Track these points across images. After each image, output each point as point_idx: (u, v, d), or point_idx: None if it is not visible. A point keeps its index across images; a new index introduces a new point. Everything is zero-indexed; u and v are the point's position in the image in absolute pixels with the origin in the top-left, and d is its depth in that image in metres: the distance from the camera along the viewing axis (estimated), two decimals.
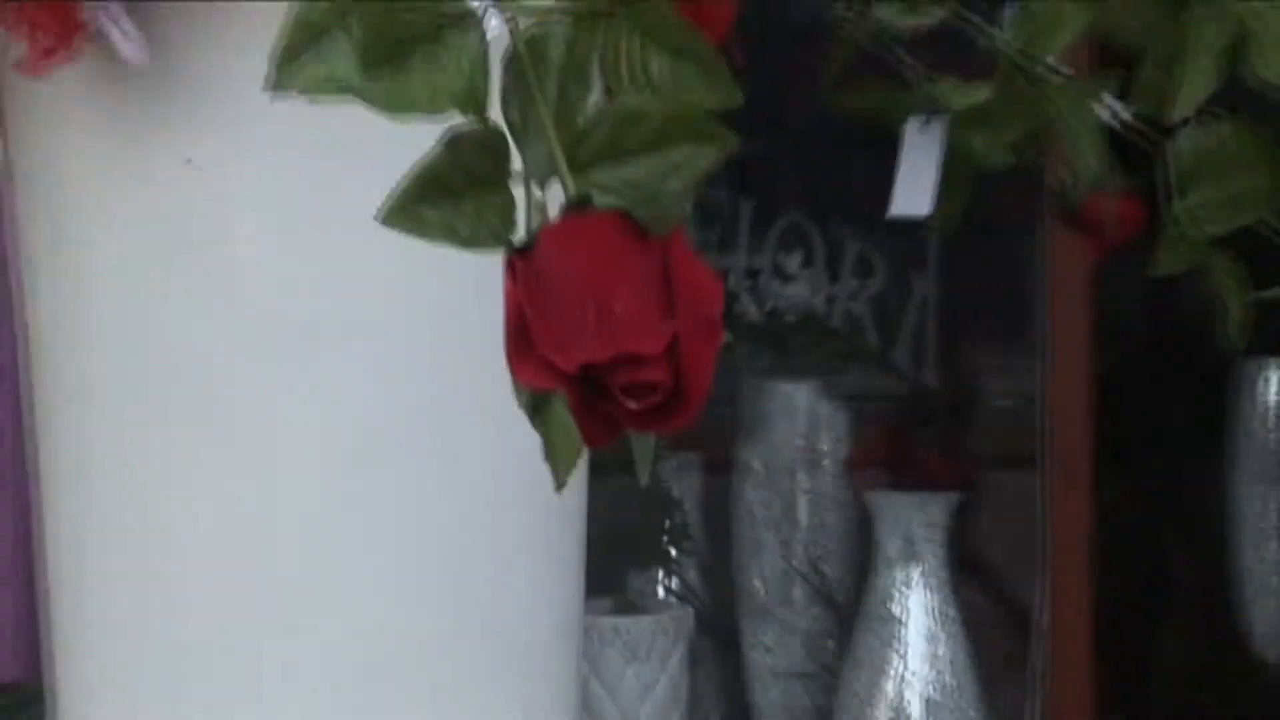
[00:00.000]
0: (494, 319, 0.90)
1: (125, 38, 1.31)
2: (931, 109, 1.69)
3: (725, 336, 0.76)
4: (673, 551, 4.66)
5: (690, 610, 4.48)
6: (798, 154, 5.39)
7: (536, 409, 0.87)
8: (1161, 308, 5.89)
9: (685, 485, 4.76)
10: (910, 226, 1.81)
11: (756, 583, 4.81)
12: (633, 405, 0.77)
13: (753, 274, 5.14)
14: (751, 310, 5.08)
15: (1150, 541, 6.36)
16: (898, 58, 1.67)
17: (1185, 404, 6.11)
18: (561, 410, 0.82)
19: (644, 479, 0.99)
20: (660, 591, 4.61)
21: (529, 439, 1.45)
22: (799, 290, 5.09)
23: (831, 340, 5.05)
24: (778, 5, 1.63)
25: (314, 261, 1.38)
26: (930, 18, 1.59)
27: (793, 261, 5.08)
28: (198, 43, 1.35)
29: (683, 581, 4.70)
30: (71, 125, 1.41)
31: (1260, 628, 5.77)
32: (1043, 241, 4.52)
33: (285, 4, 1.34)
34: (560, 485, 0.98)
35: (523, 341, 0.78)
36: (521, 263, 0.80)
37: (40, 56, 1.31)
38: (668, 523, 4.64)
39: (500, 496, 1.43)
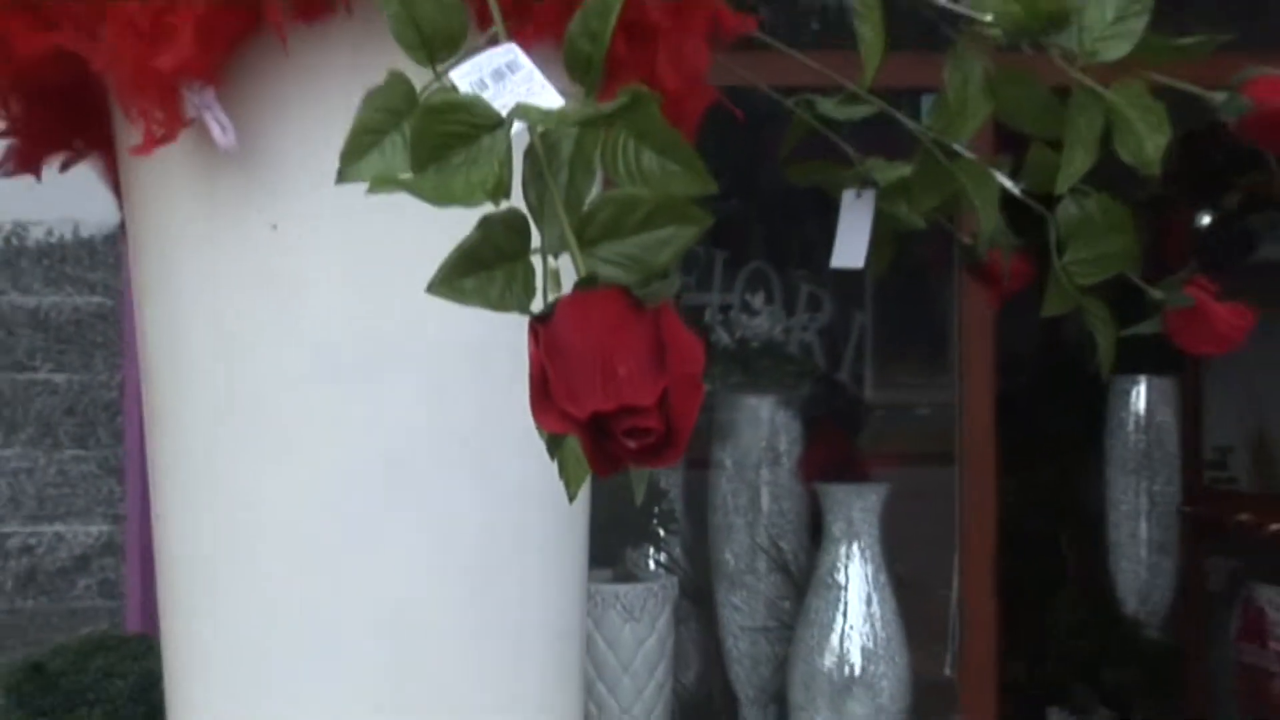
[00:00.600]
0: (518, 358, 0.90)
1: (220, 126, 1.30)
2: (864, 182, 1.67)
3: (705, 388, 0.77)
4: (661, 532, 4.69)
5: (675, 579, 4.48)
6: (761, 215, 5.43)
7: (554, 443, 0.86)
8: (1050, 338, 5.91)
9: (671, 479, 4.80)
10: (850, 273, 1.80)
11: (728, 556, 4.82)
12: (632, 445, 0.77)
13: (725, 309, 5.16)
14: (724, 338, 5.13)
15: (1042, 522, 6.35)
16: (837, 141, 1.66)
17: (1070, 413, 6.12)
18: (573, 443, 0.81)
19: (639, 500, 0.99)
20: (651, 564, 4.63)
21: (544, 452, 1.46)
22: (762, 323, 5.13)
23: (788, 363, 5.07)
24: (744, 98, 1.62)
25: (372, 306, 1.36)
26: (863, 110, 1.59)
27: (757, 300, 5.12)
28: (277, 130, 1.33)
29: (669, 556, 4.72)
30: (176, 195, 1.40)
31: (1125, 589, 5.78)
32: (956, 286, 4.53)
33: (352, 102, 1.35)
34: (572, 499, 0.98)
35: (543, 394, 0.78)
36: (542, 329, 0.80)
37: (152, 141, 1.30)
38: (657, 509, 4.67)
39: (521, 494, 1.42)
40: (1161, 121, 1.26)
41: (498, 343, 0.95)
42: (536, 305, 0.84)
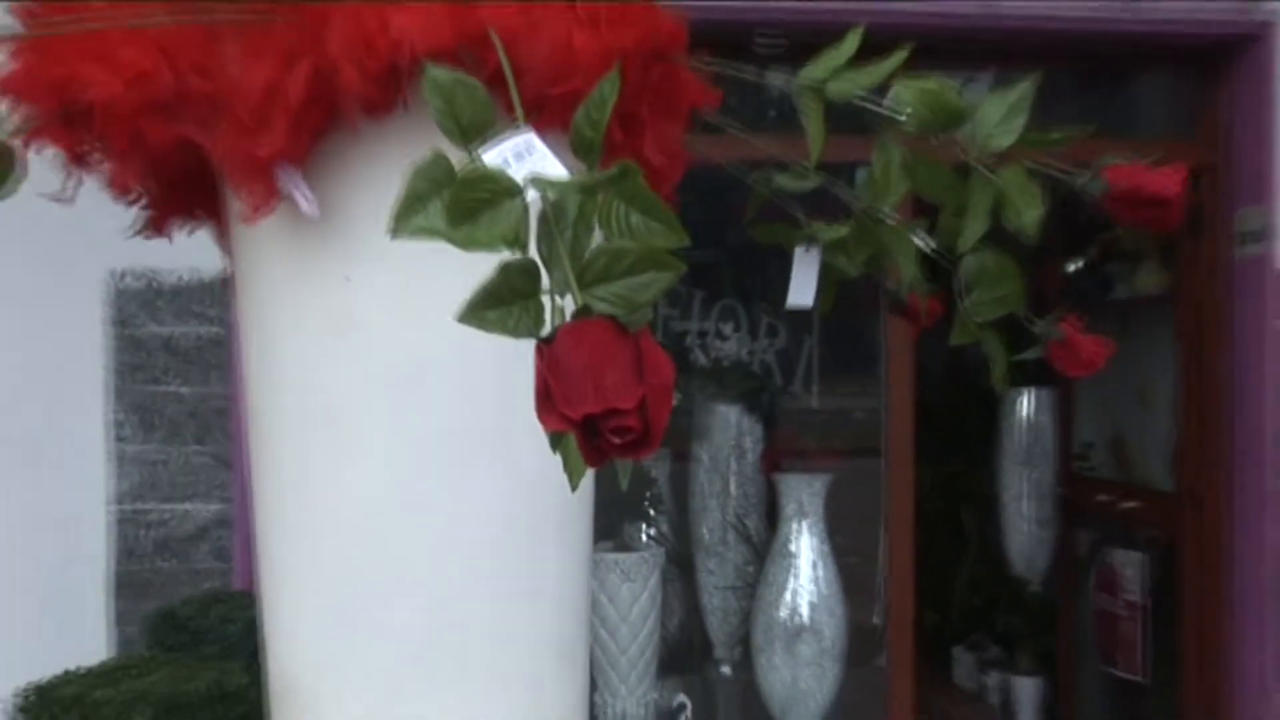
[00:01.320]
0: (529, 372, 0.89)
1: (305, 199, 1.30)
2: (811, 240, 1.66)
3: (676, 398, 0.76)
4: (651, 511, 4.66)
5: (663, 549, 4.44)
6: (730, 262, 5.46)
7: (556, 441, 0.84)
8: (955, 359, 5.91)
9: (659, 469, 4.78)
10: (801, 324, 1.78)
11: (704, 531, 4.78)
12: (617, 441, 0.76)
13: (701, 336, 5.14)
14: (701, 359, 5.11)
15: (949, 503, 6.36)
16: (788, 208, 1.64)
17: (972, 417, 6.12)
18: (572, 441, 0.80)
19: (625, 485, 0.98)
20: (643, 537, 4.60)
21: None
22: (731, 346, 5.11)
23: (751, 378, 5.06)
24: (715, 170, 1.60)
25: (417, 335, 1.35)
26: (809, 184, 1.57)
27: (727, 328, 5.10)
28: (349, 201, 1.32)
29: (658, 530, 4.69)
30: (271, 252, 1.39)
31: (1015, 555, 5.78)
32: (882, 318, 4.52)
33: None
34: (574, 488, 0.96)
35: (546, 400, 0.77)
36: (546, 349, 0.79)
37: (253, 210, 1.30)
38: (648, 493, 4.66)
39: (540, 482, 1.40)
40: (1036, 198, 1.24)
41: (518, 358, 0.93)
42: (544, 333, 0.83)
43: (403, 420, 1.38)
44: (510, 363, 1.30)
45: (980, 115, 1.23)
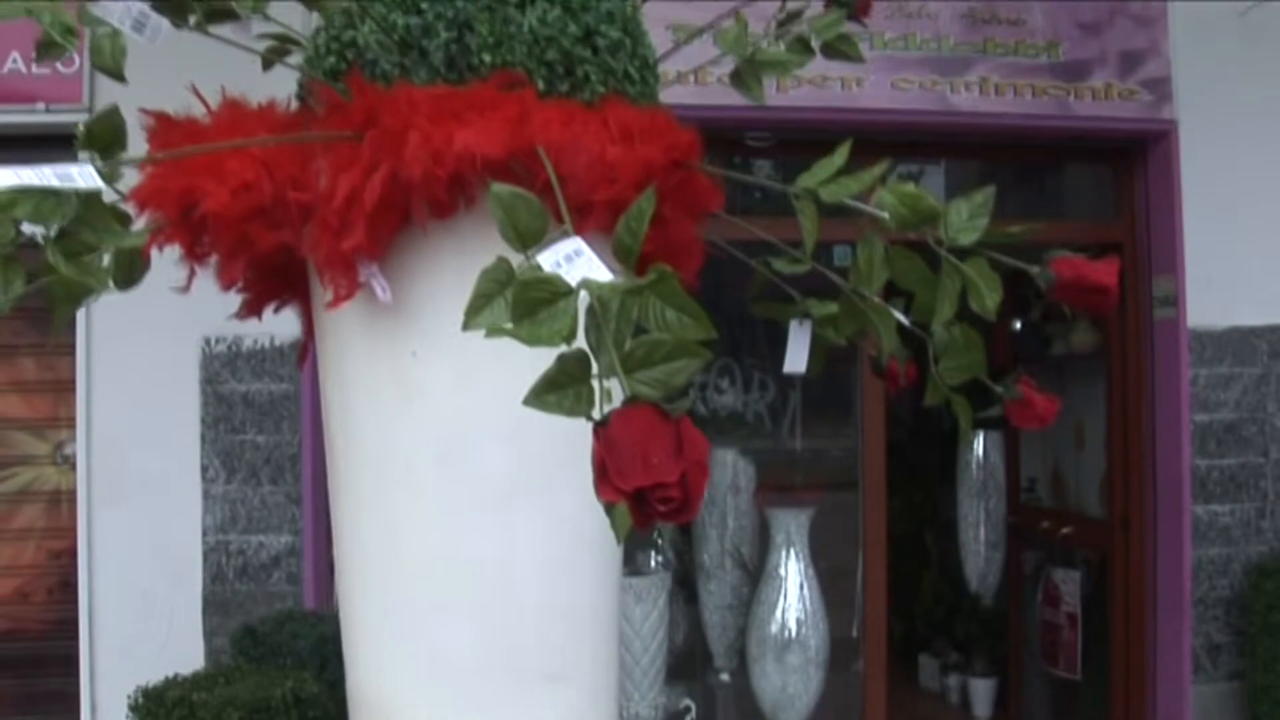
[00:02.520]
0: (570, 434, 0.90)
1: (381, 288, 1.31)
2: (805, 314, 1.67)
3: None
4: (659, 541, 4.64)
5: (669, 573, 4.44)
6: (727, 327, 5.47)
7: (609, 506, 0.85)
8: (920, 407, 5.91)
9: None
10: (787, 377, 1.77)
11: (705, 557, 4.74)
12: (662, 509, 0.76)
13: (702, 389, 5.13)
14: (701, 409, 5.10)
15: (917, 529, 6.33)
16: (787, 285, 1.65)
17: (935, 455, 6.11)
18: (621, 506, 0.81)
19: (620, 540, 0.97)
20: (653, 563, 4.58)
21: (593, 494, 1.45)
22: (728, 399, 5.10)
23: (745, 426, 5.05)
24: (713, 247, 1.61)
25: (474, 401, 1.34)
26: (802, 267, 1.58)
27: (724, 384, 5.10)
28: (417, 288, 1.32)
29: (665, 557, 4.67)
30: (351, 331, 1.39)
31: (971, 573, 5.72)
32: (857, 374, 4.53)
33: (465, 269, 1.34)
34: (620, 541, 0.97)
35: (603, 474, 0.78)
36: (602, 431, 0.80)
37: (339, 299, 1.31)
38: (658, 526, 4.64)
39: (579, 523, 1.40)
40: (997, 285, 1.25)
41: (560, 421, 0.93)
42: (595, 411, 0.85)
43: (463, 474, 1.38)
44: (553, 425, 1.32)
45: (949, 216, 1.24)
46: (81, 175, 1.04)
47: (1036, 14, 4.32)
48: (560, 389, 0.84)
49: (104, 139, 1.09)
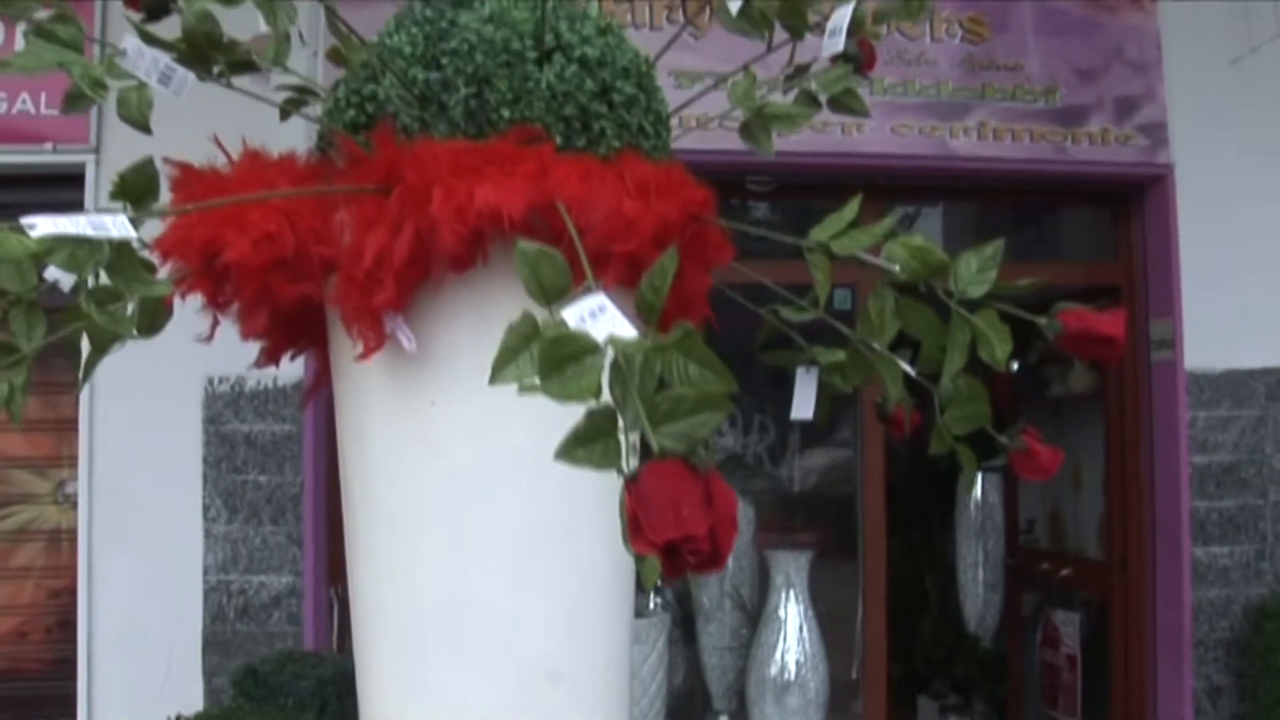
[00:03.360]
0: (586, 485, 0.90)
1: (406, 339, 1.32)
2: (812, 362, 1.68)
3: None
4: (659, 582, 4.66)
5: (669, 615, 4.44)
6: (732, 372, 5.45)
7: (639, 558, 0.87)
8: (920, 450, 5.92)
9: None
10: (785, 411, 1.78)
11: (705, 599, 4.74)
12: (692, 561, 0.78)
13: None
14: None
15: (916, 571, 6.33)
16: (794, 334, 1.67)
17: (934, 497, 6.12)
18: (652, 558, 0.82)
19: (649, 588, 0.99)
20: (652, 604, 4.58)
21: (611, 540, 1.46)
22: (728, 441, 5.12)
23: (746, 468, 5.07)
24: (732, 304, 1.63)
25: (489, 448, 1.35)
26: (809, 316, 1.60)
27: (725, 426, 5.11)
28: (438, 339, 1.35)
29: (664, 599, 4.67)
30: (372, 379, 1.40)
31: (970, 614, 5.74)
32: (857, 417, 4.56)
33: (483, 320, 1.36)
34: (647, 590, 0.99)
35: (635, 528, 0.80)
36: (634, 485, 0.82)
37: (367, 351, 1.32)
38: None
39: (595, 568, 1.42)
40: (1007, 337, 1.27)
41: (576, 471, 0.95)
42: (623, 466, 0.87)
43: (481, 521, 1.39)
44: (568, 473, 1.33)
45: (959, 269, 1.26)
46: (115, 225, 1.06)
47: (1034, 60, 4.39)
48: (589, 443, 0.86)
49: (137, 190, 1.11)
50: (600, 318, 0.97)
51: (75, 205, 4.05)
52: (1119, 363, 4.64)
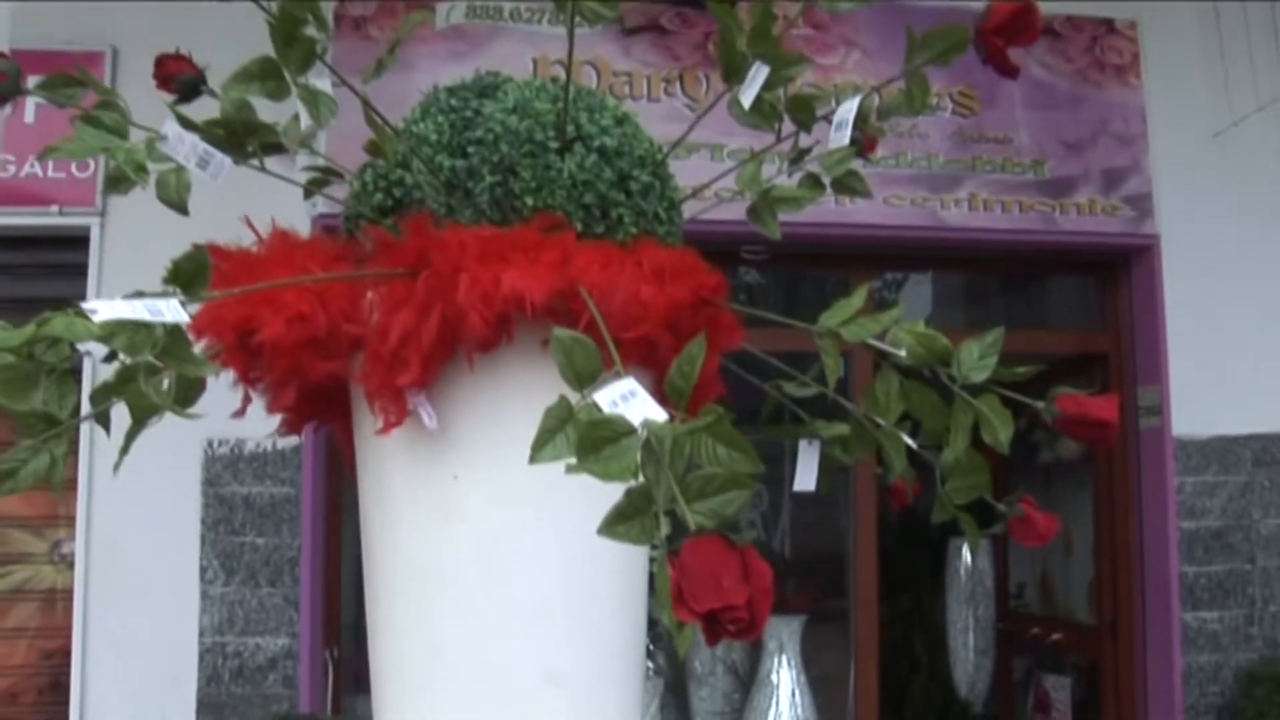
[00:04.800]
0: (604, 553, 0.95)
1: (428, 416, 1.37)
2: (814, 436, 1.72)
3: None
4: (651, 646, 4.66)
5: (661, 679, 4.45)
6: None
7: (679, 625, 0.92)
8: (910, 516, 5.98)
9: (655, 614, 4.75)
10: (779, 481, 1.83)
11: (697, 664, 4.75)
12: (731, 629, 0.84)
13: None
14: None
15: (907, 635, 6.34)
16: (797, 408, 1.72)
17: (924, 562, 6.14)
18: (690, 627, 0.88)
19: (682, 652, 1.04)
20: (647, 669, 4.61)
21: (625, 610, 1.51)
22: None
23: (738, 534, 5.08)
24: (740, 381, 1.69)
25: (509, 519, 1.40)
26: (811, 391, 1.65)
27: None
28: (459, 416, 1.40)
29: (656, 663, 4.67)
30: (394, 453, 1.43)
31: (961, 679, 5.74)
32: (850, 486, 4.61)
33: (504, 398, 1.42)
34: (681, 655, 1.05)
35: (678, 598, 0.85)
36: (676, 559, 0.88)
37: (389, 426, 1.37)
38: (649, 632, 4.64)
39: (607, 634, 1.47)
40: (1008, 420, 1.33)
41: (592, 539, 0.98)
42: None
43: (500, 589, 1.44)
44: (585, 545, 1.37)
45: (961, 355, 1.33)
46: (169, 309, 1.13)
47: (1023, 133, 4.50)
48: (628, 520, 0.92)
49: (188, 276, 1.18)
50: (632, 401, 1.04)
51: (80, 267, 4.13)
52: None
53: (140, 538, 4.02)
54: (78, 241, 4.14)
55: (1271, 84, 4.52)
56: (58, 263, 4.15)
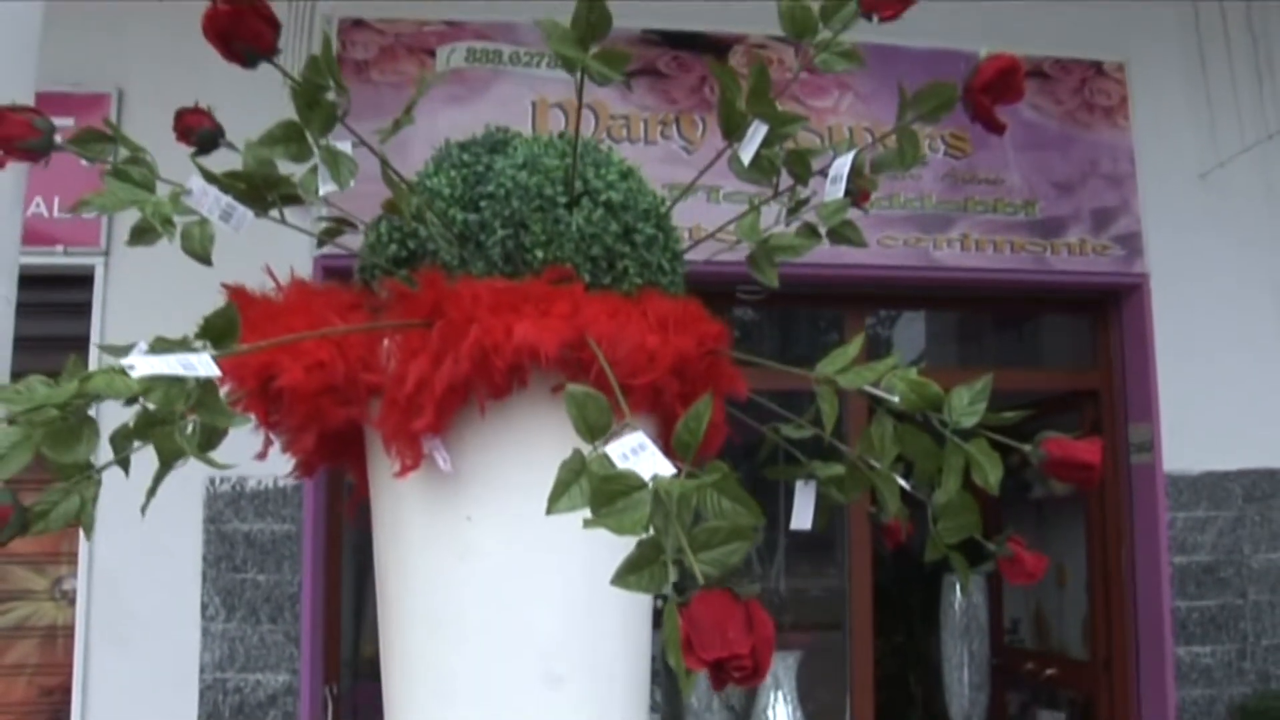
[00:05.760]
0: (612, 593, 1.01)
1: (442, 460, 1.43)
2: (810, 476, 1.77)
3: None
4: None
5: (657, 715, 4.44)
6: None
7: (686, 672, 0.96)
8: (904, 553, 6.02)
9: (654, 645, 4.73)
10: (773, 522, 1.88)
11: (694, 700, 4.75)
12: (736, 675, 0.89)
13: None
14: None
15: (902, 669, 6.37)
16: (793, 449, 1.78)
17: (918, 598, 6.18)
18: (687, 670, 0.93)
19: (687, 697, 1.09)
20: None
21: (630, 653, 1.57)
22: None
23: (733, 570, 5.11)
24: (740, 425, 1.73)
25: (519, 556, 1.44)
26: (806, 433, 1.71)
27: None
28: (473, 460, 1.45)
29: (652, 699, 4.66)
30: (409, 495, 1.48)
31: (956, 715, 5.73)
32: (844, 521, 4.66)
33: (515, 444, 1.49)
34: (686, 697, 1.10)
35: (688, 647, 0.91)
36: (686, 610, 0.93)
37: (405, 469, 1.42)
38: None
39: (615, 674, 1.52)
40: (998, 463, 1.39)
41: (601, 581, 1.01)
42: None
43: (511, 626, 1.48)
44: (593, 585, 1.42)
45: (952, 401, 1.39)
46: (201, 364, 1.19)
47: (1014, 174, 4.59)
48: (639, 570, 0.98)
49: (219, 331, 1.24)
50: (641, 455, 1.09)
51: (85, 306, 4.19)
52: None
53: (141, 574, 4.06)
54: (82, 281, 4.21)
55: (1256, 126, 4.63)
56: (63, 301, 4.21)
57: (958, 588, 5.64)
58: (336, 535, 4.30)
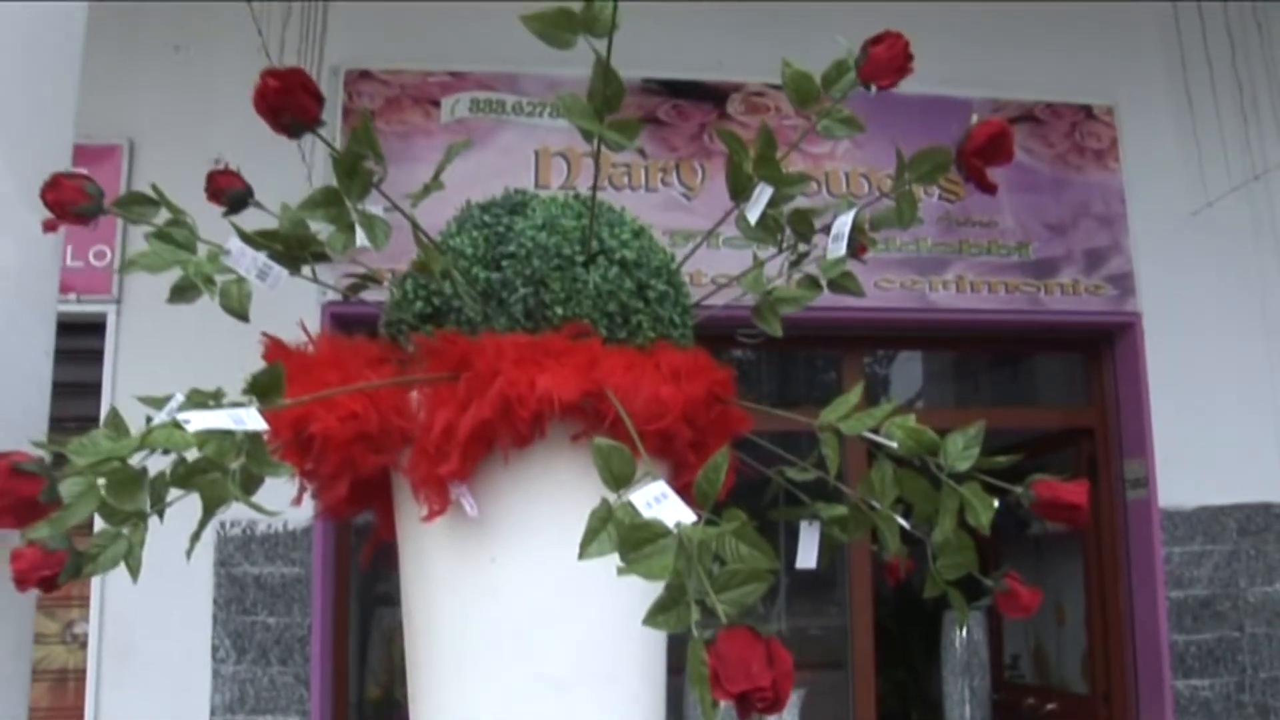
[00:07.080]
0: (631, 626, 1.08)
1: (469, 505, 1.50)
2: (814, 516, 1.83)
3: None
4: None
5: None
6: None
7: (711, 703, 1.04)
8: (905, 591, 6.08)
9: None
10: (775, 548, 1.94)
11: None
12: (759, 706, 0.99)
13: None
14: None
15: (904, 706, 6.40)
16: (798, 491, 1.86)
17: (920, 635, 6.23)
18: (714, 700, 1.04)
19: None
20: None
21: (644, 675, 1.65)
22: None
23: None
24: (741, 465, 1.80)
25: (541, 595, 1.52)
26: (811, 475, 1.79)
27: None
28: (498, 504, 1.52)
29: None
30: (435, 538, 1.56)
31: None
32: (844, 560, 4.74)
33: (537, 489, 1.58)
34: None
35: (715, 681, 1.00)
36: (713, 648, 1.02)
37: (433, 514, 1.50)
38: None
39: (637, 703, 1.60)
40: (990, 505, 1.48)
41: (621, 617, 1.07)
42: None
43: (537, 659, 1.56)
44: (614, 619, 1.52)
45: (947, 446, 1.49)
46: (249, 418, 1.28)
47: (1007, 216, 4.71)
48: (667, 611, 1.07)
49: (265, 387, 1.34)
50: (664, 503, 1.19)
51: (97, 353, 4.28)
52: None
53: (152, 618, 4.12)
54: (95, 328, 4.30)
55: (1243, 165, 4.75)
56: (75, 348, 4.30)
57: (954, 625, 5.69)
58: (345, 578, 4.38)
